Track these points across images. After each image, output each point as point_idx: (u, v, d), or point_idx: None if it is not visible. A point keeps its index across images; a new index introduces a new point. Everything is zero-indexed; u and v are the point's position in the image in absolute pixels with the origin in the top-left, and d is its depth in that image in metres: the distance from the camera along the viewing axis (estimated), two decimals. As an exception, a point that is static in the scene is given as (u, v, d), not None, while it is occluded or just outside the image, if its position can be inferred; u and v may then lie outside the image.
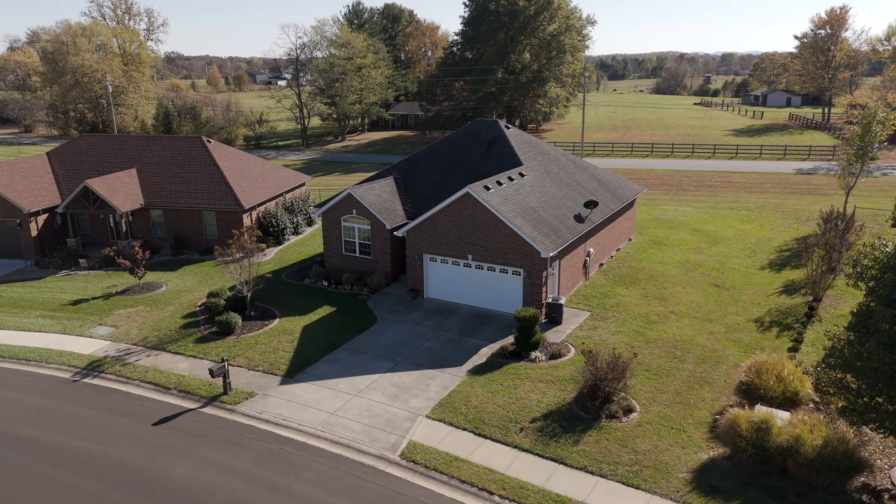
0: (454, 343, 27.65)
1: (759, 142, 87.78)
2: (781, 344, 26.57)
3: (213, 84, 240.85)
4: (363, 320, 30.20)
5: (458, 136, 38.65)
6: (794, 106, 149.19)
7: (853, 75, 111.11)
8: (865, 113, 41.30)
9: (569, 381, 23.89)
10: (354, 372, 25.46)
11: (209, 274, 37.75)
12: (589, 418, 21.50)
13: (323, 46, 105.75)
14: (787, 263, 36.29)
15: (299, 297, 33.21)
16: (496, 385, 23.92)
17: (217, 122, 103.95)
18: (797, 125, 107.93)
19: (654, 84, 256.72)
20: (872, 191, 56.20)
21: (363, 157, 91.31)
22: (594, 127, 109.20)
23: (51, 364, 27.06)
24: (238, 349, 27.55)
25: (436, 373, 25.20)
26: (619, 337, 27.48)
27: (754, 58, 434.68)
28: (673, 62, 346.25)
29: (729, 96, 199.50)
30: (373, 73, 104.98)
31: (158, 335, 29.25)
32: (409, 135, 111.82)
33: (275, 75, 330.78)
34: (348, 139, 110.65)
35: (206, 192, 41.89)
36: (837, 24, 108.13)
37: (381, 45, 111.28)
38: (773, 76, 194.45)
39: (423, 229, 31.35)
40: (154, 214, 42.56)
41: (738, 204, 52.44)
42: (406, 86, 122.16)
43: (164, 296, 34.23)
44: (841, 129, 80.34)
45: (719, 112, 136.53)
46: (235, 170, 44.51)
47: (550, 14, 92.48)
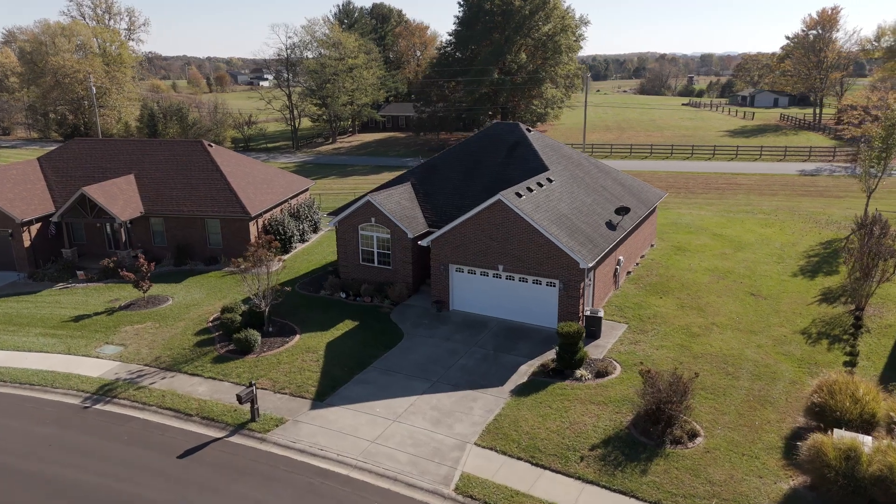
0: (490, 360, 26.09)
1: (756, 143, 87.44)
2: (834, 358, 25.40)
3: (194, 85, 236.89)
4: (389, 335, 28.52)
5: (476, 139, 37.12)
6: (782, 106, 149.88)
7: (844, 76, 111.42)
8: (887, 115, 40.45)
9: (621, 402, 22.46)
10: (389, 394, 23.78)
11: (217, 286, 35.78)
12: (652, 444, 20.06)
13: (313, 47, 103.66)
14: (819, 270, 35.27)
15: (317, 310, 31.43)
16: (545, 407, 22.40)
17: (204, 123, 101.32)
18: (790, 126, 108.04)
19: (638, 84, 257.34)
20: (882, 192, 55.63)
21: (357, 160, 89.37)
22: (588, 128, 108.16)
23: (57, 388, 25.02)
24: (260, 369, 25.73)
25: (476, 394, 23.62)
26: (664, 352, 26.12)
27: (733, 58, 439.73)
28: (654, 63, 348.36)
29: (714, 97, 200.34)
30: (364, 73, 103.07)
31: (172, 354, 27.30)
32: (400, 136, 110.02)
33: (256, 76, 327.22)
34: (339, 141, 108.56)
35: (210, 199, 39.87)
36: (829, 25, 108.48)
37: (373, 45, 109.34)
38: (758, 77, 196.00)
39: (450, 239, 29.75)
40: (154, 223, 40.42)
41: (751, 207, 51.53)
42: (396, 86, 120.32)
43: (171, 310, 32.24)
44: (841, 129, 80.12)
45: (709, 112, 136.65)
46: (239, 175, 42.53)
47: (546, 14, 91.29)
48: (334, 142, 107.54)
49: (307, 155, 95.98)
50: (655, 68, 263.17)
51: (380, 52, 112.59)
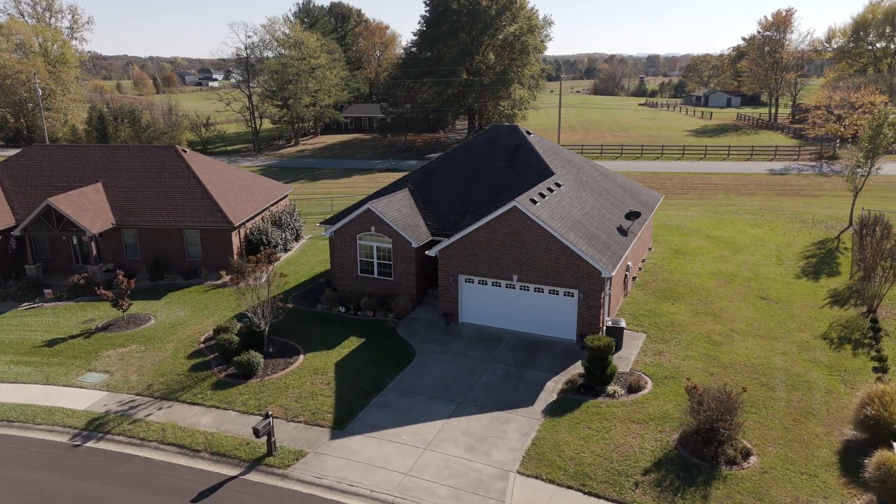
0: (513, 377, 24.71)
1: (720, 142, 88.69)
2: (862, 364, 24.96)
3: (140, 85, 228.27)
4: (400, 353, 26.83)
5: (474, 143, 35.69)
6: (735, 106, 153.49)
7: (798, 76, 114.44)
8: (875, 116, 40.89)
9: (662, 419, 21.39)
10: (413, 418, 22.14)
11: (201, 302, 33.35)
12: (706, 466, 19.01)
13: (273, 46, 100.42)
14: (821, 271, 35.15)
15: (317, 326, 29.48)
16: (584, 428, 21.14)
17: (158, 126, 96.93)
18: (748, 125, 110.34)
19: (591, 85, 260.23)
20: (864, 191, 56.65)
21: (324, 163, 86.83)
22: (554, 128, 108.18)
23: (41, 425, 22.46)
24: (267, 395, 23.70)
25: (507, 415, 22.20)
26: (691, 362, 25.23)
27: (678, 59, 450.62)
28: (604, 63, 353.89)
29: (667, 97, 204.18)
30: (328, 74, 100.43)
31: (165, 381, 24.97)
32: (365, 138, 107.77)
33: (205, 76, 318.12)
34: (302, 143, 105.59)
35: (188, 209, 37.30)
36: (783, 27, 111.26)
37: (336, 45, 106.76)
38: (708, 77, 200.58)
39: (460, 248, 28.25)
40: (126, 234, 37.59)
41: (735, 207, 51.67)
42: (358, 87, 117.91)
43: (155, 331, 29.75)
44: (806, 129, 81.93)
45: (667, 112, 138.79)
46: (217, 182, 40.03)
47: (512, 14, 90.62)
48: (297, 144, 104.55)
49: (270, 158, 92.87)
50: (608, 69, 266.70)
51: (343, 52, 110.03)
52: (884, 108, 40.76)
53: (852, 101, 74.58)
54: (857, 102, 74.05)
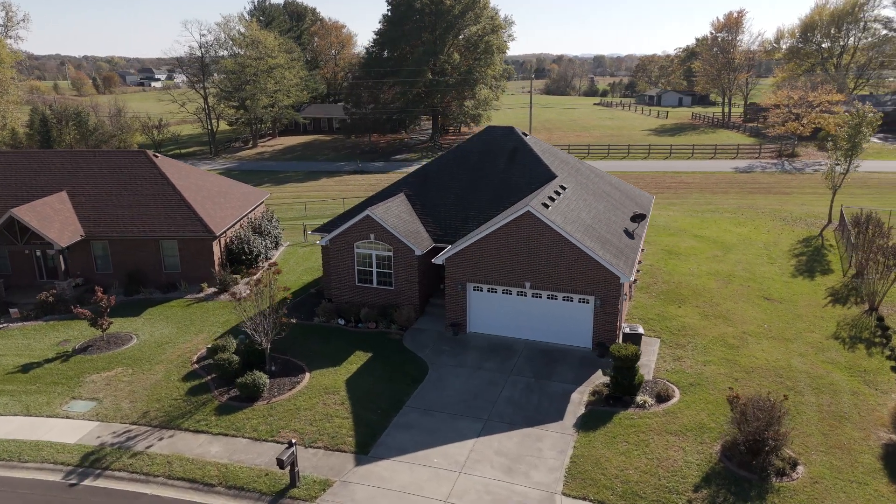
0: (535, 390, 23.73)
1: (681, 141, 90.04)
2: (879, 364, 24.96)
3: (78, 86, 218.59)
4: (412, 367, 25.52)
5: (470, 145, 34.57)
6: (686, 105, 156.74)
7: (749, 76, 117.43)
8: (854, 114, 41.66)
9: (699, 430, 20.77)
10: (440, 439, 20.90)
11: (185, 317, 31.22)
12: (756, 479, 18.42)
13: (229, 45, 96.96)
14: (814, 269, 35.44)
15: (317, 340, 27.86)
16: (621, 443, 20.32)
17: (106, 129, 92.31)
18: (705, 124, 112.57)
19: (542, 85, 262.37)
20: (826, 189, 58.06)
21: (286, 165, 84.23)
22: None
23: (28, 463, 20.27)
24: (278, 419, 22.06)
25: (538, 431, 21.20)
26: (713, 368, 24.76)
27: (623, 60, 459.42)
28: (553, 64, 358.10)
29: (618, 97, 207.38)
30: (286, 73, 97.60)
31: (162, 408, 23.01)
32: (326, 139, 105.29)
33: (147, 76, 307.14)
34: (260, 145, 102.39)
35: (165, 218, 34.99)
36: (734, 28, 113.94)
37: (294, 44, 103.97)
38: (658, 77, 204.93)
39: (468, 255, 27.11)
40: (96, 247, 35.03)
41: (714, 206, 52.11)
42: (316, 87, 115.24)
43: (141, 351, 27.58)
44: (766, 127, 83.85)
45: (623, 112, 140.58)
46: (192, 189, 37.76)
47: (476, 14, 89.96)
48: (255, 146, 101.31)
49: (228, 161, 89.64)
50: (560, 69, 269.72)
51: (301, 52, 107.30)
52: (862, 106, 41.51)
53: (810, 99, 76.73)
54: (814, 101, 76.24)
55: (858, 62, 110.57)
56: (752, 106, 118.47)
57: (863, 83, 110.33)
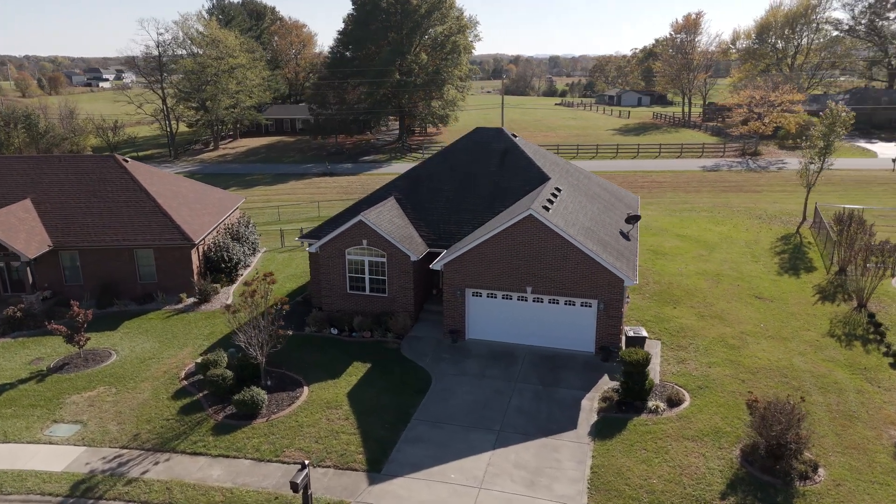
0: (543, 398, 23.19)
1: (646, 140, 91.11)
2: (877, 360, 25.23)
3: (22, 87, 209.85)
4: (414, 377, 24.70)
5: (459, 147, 33.91)
6: (645, 105, 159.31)
7: (708, 76, 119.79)
8: (827, 114, 42.48)
9: (716, 434, 20.54)
10: (454, 453, 20.16)
11: (166, 330, 29.70)
12: (780, 483, 18.25)
13: (187, 44, 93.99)
14: (798, 267, 35.91)
15: (311, 352, 26.78)
16: (640, 450, 19.94)
17: (58, 131, 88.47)
18: (667, 123, 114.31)
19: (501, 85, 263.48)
20: (794, 186, 59.35)
21: (252, 168, 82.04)
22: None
23: (11, 496, 18.73)
24: (280, 437, 20.98)
25: (554, 441, 20.66)
26: (718, 369, 24.65)
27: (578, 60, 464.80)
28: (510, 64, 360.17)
29: (577, 97, 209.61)
30: (248, 74, 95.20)
31: (154, 429, 21.66)
32: (290, 140, 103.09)
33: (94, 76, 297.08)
34: (222, 147, 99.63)
35: (139, 226, 33.31)
36: (693, 29, 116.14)
37: (256, 43, 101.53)
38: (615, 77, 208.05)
39: (468, 260, 26.43)
40: (65, 258, 33.11)
41: (689, 205, 52.62)
42: (277, 87, 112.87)
43: (122, 368, 26.04)
44: (730, 126, 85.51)
45: (586, 112, 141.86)
46: (167, 194, 36.11)
47: (442, 14, 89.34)
48: (216, 148, 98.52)
49: (190, 164, 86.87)
50: (518, 70, 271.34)
51: (266, 51, 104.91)
52: (836, 106, 42.37)
53: (772, 99, 78.57)
54: (776, 101, 78.10)
55: (811, 62, 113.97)
56: (710, 105, 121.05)
57: (816, 83, 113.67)
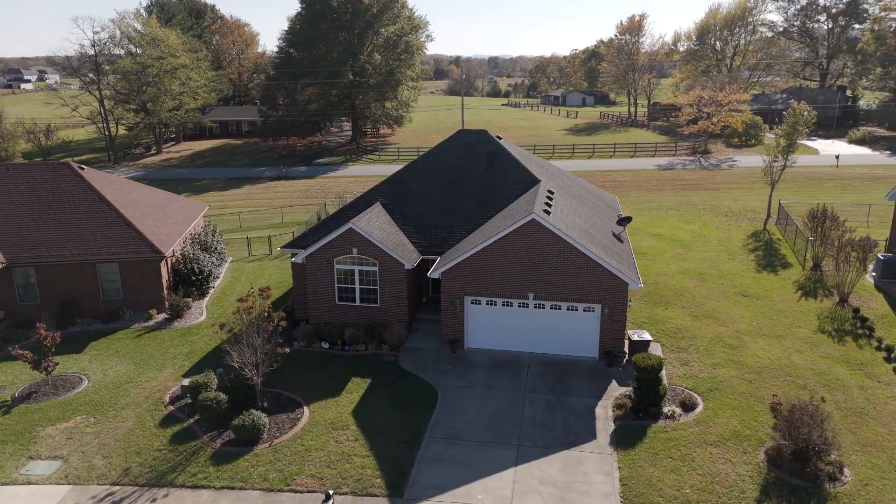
0: (556, 407, 22.55)
1: (599, 140, 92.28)
2: (871, 356, 25.72)
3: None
4: (419, 391, 23.65)
5: (443, 150, 32.98)
6: (589, 105, 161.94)
7: (652, 77, 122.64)
8: (791, 113, 43.60)
9: (737, 438, 20.36)
10: (477, 471, 19.26)
11: (139, 351, 27.62)
12: (811, 486, 18.14)
13: (125, 44, 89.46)
14: (774, 264, 36.57)
15: (305, 368, 25.34)
16: (665, 459, 19.52)
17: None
18: (615, 123, 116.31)
19: (445, 86, 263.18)
20: (759, 181, 60.99)
21: (200, 172, 78.65)
22: (432, 130, 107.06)
23: (-7, 549, 16.74)
24: (287, 464, 19.58)
25: (576, 454, 20.02)
26: (724, 370, 24.59)
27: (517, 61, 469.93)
28: (451, 65, 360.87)
29: (521, 97, 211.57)
30: (192, 74, 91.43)
31: (145, 462, 19.87)
32: (237, 143, 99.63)
33: (15, 77, 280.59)
34: (165, 151, 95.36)
35: (102, 238, 30.98)
36: (637, 31, 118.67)
37: (200, 42, 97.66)
38: (557, 78, 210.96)
39: (468, 267, 25.55)
40: (19, 275, 30.45)
41: (655, 204, 53.23)
42: (222, 88, 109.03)
43: (98, 395, 23.95)
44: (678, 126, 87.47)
45: (533, 112, 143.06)
46: (129, 203, 33.81)
47: (394, 14, 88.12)
48: (159, 152, 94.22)
49: (132, 169, 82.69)
50: (462, 70, 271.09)
51: (208, 51, 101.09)
52: (798, 106, 43.54)
53: (720, 98, 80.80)
54: (724, 100, 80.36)
55: (748, 63, 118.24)
56: (655, 105, 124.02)
57: (753, 83, 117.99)
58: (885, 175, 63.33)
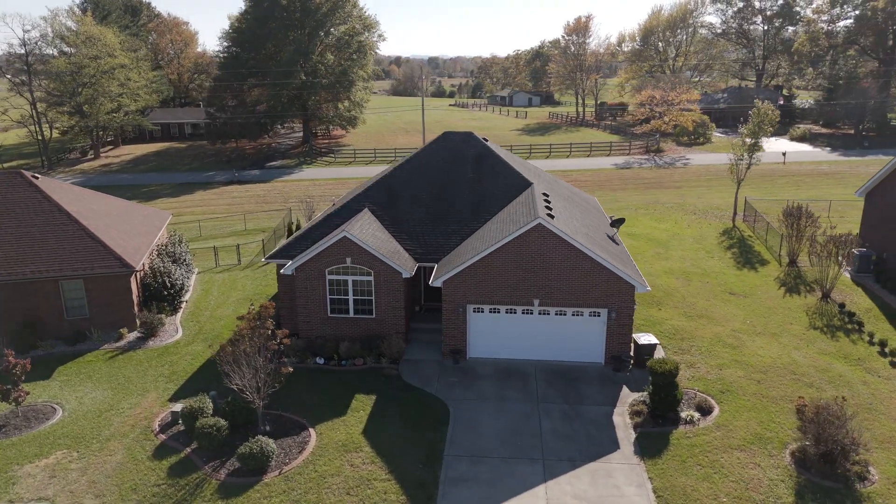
0: (572, 417, 21.94)
1: (553, 140, 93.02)
2: (866, 350, 26.20)
3: None
4: (428, 407, 22.61)
5: (429, 154, 31.89)
6: (536, 105, 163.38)
7: (599, 77, 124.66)
8: (755, 112, 44.54)
9: (760, 441, 20.22)
10: (506, 490, 18.41)
11: (116, 374, 25.54)
12: (842, 487, 18.10)
13: (57, 43, 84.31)
14: (751, 261, 37.15)
15: (303, 386, 23.90)
16: (694, 466, 19.17)
17: None
18: (565, 123, 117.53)
19: (389, 87, 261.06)
20: (716, 179, 62.32)
21: (146, 178, 74.89)
22: (389, 131, 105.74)
23: None
24: (303, 493, 18.24)
25: (603, 466, 19.43)
26: (730, 371, 24.55)
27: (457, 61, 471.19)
28: (392, 65, 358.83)
29: (465, 97, 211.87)
30: (132, 75, 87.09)
31: (143, 499, 18.15)
32: (181, 146, 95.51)
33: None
34: (104, 155, 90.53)
35: (65, 253, 28.60)
36: (583, 32, 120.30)
37: (139, 41, 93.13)
38: (500, 78, 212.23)
39: (470, 275, 24.67)
40: (-29, 294, 27.78)
41: (622, 203, 53.59)
42: (163, 90, 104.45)
43: (77, 426, 21.90)
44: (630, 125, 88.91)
45: (482, 113, 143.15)
46: (90, 214, 31.43)
47: (346, 13, 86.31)
48: (98, 157, 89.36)
49: (70, 175, 78.00)
50: (406, 71, 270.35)
51: (149, 50, 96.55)
52: (762, 104, 44.52)
53: (671, 98, 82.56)
54: (675, 100, 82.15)
55: (690, 64, 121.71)
56: (602, 105, 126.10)
57: (696, 82, 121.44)
58: (832, 171, 65.95)
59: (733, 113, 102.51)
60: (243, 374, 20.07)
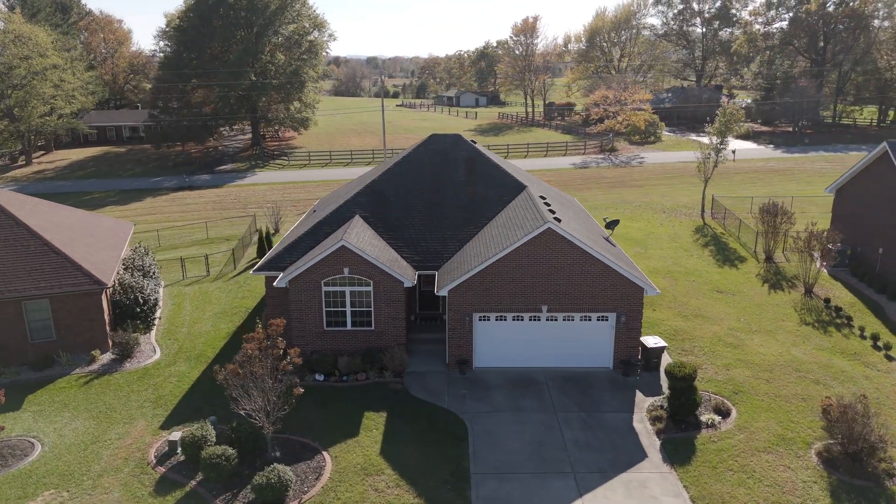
0: (594, 426, 21.42)
1: (508, 140, 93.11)
2: (860, 345, 26.74)
3: None
4: (443, 422, 21.66)
5: (417, 157, 30.84)
6: (482, 105, 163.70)
7: (547, 77, 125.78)
8: (723, 111, 45.44)
9: (785, 443, 20.19)
10: (542, 508, 17.69)
11: (94, 401, 23.48)
12: (873, 485, 18.19)
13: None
14: (730, 258, 37.71)
15: (307, 406, 22.37)
16: (725, 472, 18.92)
17: None
18: (517, 123, 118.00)
19: (331, 87, 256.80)
20: (675, 177, 63.40)
21: (87, 185, 70.66)
22: (340, 132, 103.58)
23: None
24: (330, 525, 17.01)
25: (635, 476, 18.97)
26: (738, 371, 24.58)
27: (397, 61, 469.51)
28: (332, 65, 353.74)
29: (410, 97, 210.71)
30: (66, 76, 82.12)
31: (155, 543, 16.52)
32: (121, 151, 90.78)
33: None
34: (36, 162, 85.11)
35: (26, 270, 26.21)
36: (531, 33, 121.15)
37: (74, 41, 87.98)
38: (444, 78, 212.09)
39: (477, 282, 23.84)
40: (-80, 318, 25.07)
41: (590, 203, 53.72)
42: (97, 91, 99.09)
43: (61, 463, 19.89)
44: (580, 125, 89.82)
45: (431, 113, 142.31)
46: (50, 227, 28.99)
47: (296, 11, 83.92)
48: (30, 163, 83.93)
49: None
50: (347, 71, 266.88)
51: (83, 50, 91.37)
52: (730, 104, 45.46)
53: (624, 98, 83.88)
54: (628, 100, 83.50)
55: (634, 64, 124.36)
56: (550, 105, 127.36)
57: (640, 82, 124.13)
58: (781, 168, 68.27)
59: (678, 112, 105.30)
60: (253, 397, 18.63)
